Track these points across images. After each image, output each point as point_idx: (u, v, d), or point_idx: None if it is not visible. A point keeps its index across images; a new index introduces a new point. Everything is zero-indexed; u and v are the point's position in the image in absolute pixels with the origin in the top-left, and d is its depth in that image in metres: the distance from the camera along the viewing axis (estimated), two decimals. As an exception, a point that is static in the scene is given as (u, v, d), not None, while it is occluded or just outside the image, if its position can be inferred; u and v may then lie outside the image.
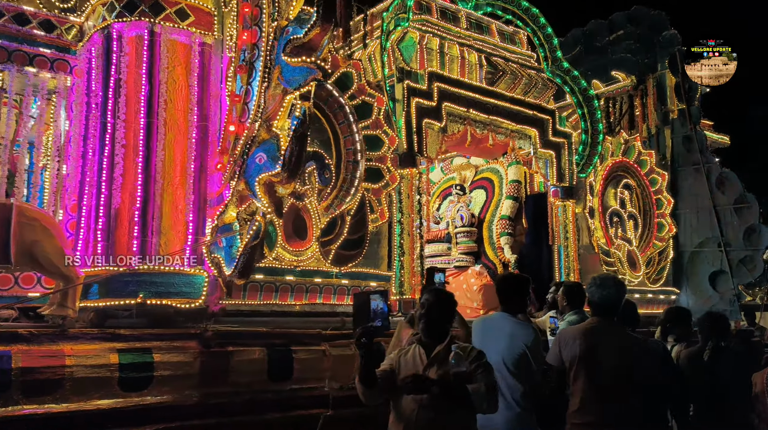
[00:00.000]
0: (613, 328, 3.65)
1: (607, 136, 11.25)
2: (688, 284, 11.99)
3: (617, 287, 3.67)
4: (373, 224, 7.71)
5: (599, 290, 3.66)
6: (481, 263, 10.39)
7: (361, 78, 7.77)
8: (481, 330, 4.38)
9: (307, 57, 5.02)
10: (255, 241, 4.91)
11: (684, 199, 12.23)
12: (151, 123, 5.06)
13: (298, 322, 6.50)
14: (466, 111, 8.97)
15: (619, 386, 3.53)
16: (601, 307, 3.64)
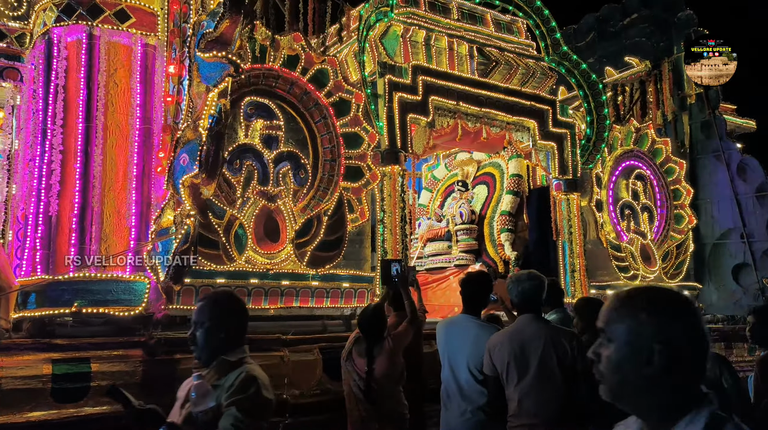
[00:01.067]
0: (536, 324, 3.51)
1: (615, 124, 10.72)
2: (711, 278, 11.32)
3: (532, 280, 3.54)
4: (352, 224, 7.51)
5: (515, 286, 3.55)
6: (482, 261, 10.04)
7: (337, 74, 7.57)
8: (445, 334, 4.19)
9: (218, 51, 4.86)
10: (184, 245, 4.78)
11: (704, 188, 11.55)
12: (90, 128, 5.01)
13: (272, 326, 6.36)
14: (455, 104, 8.67)
15: (551, 381, 3.39)
16: (521, 303, 3.54)
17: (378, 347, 4.34)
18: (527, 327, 3.53)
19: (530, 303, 3.54)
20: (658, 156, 11.30)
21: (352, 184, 7.59)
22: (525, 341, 3.49)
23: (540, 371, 3.42)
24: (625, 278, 10.20)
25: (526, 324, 3.54)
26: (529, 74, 9.69)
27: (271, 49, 7.07)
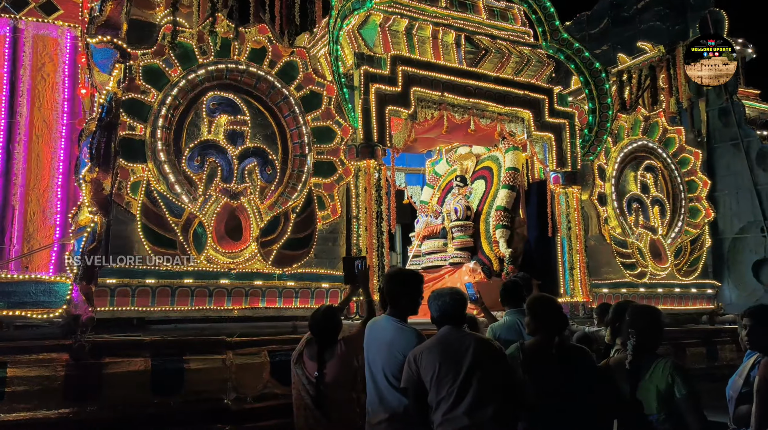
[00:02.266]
0: (459, 333, 3.42)
1: (620, 113, 10.11)
2: (729, 275, 10.56)
3: (452, 295, 3.50)
4: (323, 222, 7.24)
5: (434, 301, 3.49)
6: (477, 258, 9.61)
7: (307, 67, 7.32)
8: (368, 336, 3.93)
9: (105, 36, 4.65)
10: (92, 244, 4.60)
11: (722, 179, 10.80)
12: (13, 124, 4.90)
13: (237, 328, 6.16)
14: (440, 95, 8.29)
15: (479, 391, 3.23)
16: (439, 319, 3.48)
17: (330, 351, 4.10)
18: (449, 336, 3.41)
19: (450, 318, 3.47)
20: (670, 146, 10.62)
21: (324, 179, 7.32)
22: (450, 349, 3.34)
23: (470, 377, 3.25)
24: (631, 275, 9.61)
25: (447, 334, 3.42)
26: (524, 63, 9.22)
27: (236, 42, 6.87)
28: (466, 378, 3.26)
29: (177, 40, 6.55)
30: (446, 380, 3.29)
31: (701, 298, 10.37)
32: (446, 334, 3.44)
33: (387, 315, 3.87)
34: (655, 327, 3.41)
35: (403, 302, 3.78)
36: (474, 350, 3.31)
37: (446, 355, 3.32)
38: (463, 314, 3.53)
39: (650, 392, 3.23)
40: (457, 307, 3.49)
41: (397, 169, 12.19)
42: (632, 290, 9.55)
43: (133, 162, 6.21)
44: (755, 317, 3.43)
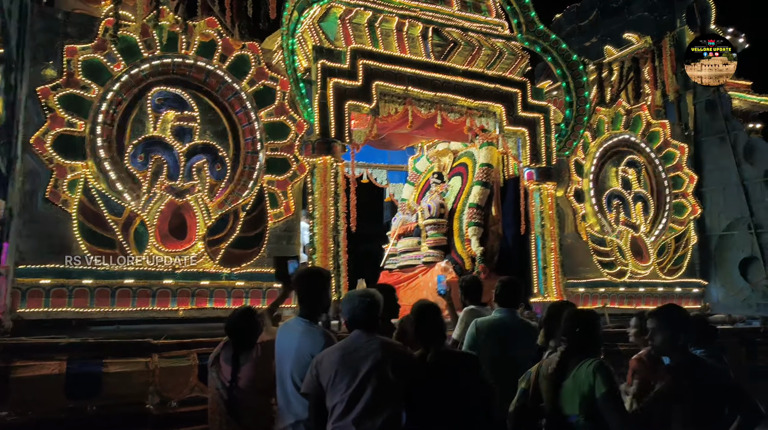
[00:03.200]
0: (367, 337, 3.20)
1: (599, 107, 9.78)
2: (716, 273, 10.18)
3: (362, 298, 3.28)
4: (276, 220, 7.04)
5: (345, 304, 3.28)
6: (450, 257, 9.35)
7: (259, 61, 7.13)
8: (278, 339, 3.75)
9: None
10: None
11: (709, 174, 10.42)
12: None
13: (183, 329, 6.00)
14: (404, 89, 8.04)
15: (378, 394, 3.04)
16: (350, 321, 3.29)
17: (245, 355, 3.91)
18: (355, 341, 3.20)
19: (359, 322, 3.25)
20: (655, 140, 10.25)
21: (277, 177, 7.13)
22: (351, 354, 3.14)
23: (364, 384, 3.05)
24: (609, 274, 9.28)
25: (354, 338, 3.22)
26: (496, 55, 8.92)
27: (183, 36, 6.70)
28: (361, 385, 3.07)
29: (120, 34, 6.40)
30: (341, 386, 3.10)
31: (686, 297, 10.01)
32: (352, 339, 3.24)
33: (297, 316, 3.72)
34: (591, 333, 3.14)
35: (312, 302, 3.60)
36: (375, 356, 3.11)
37: (345, 360, 3.12)
38: (373, 317, 3.29)
39: (573, 393, 3.00)
40: (368, 310, 3.26)
41: (378, 167, 12.07)
42: (611, 289, 9.24)
43: (72, 159, 6.06)
44: (659, 318, 3.18)
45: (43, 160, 5.92)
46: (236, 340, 3.93)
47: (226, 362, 3.92)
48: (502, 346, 4.46)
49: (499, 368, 4.32)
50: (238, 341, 3.92)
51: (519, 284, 4.65)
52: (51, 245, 5.80)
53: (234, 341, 3.94)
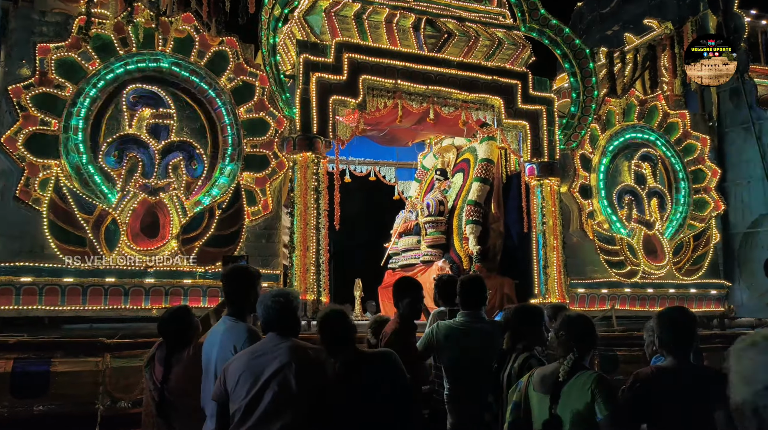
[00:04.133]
0: (279, 342, 2.96)
1: (609, 97, 9.26)
2: (740, 274, 9.48)
3: (274, 299, 3.04)
4: (254, 217, 6.92)
5: (258, 307, 3.08)
6: (448, 256, 9.03)
7: (238, 56, 7.02)
8: (206, 341, 3.61)
9: None
10: None
11: (733, 167, 9.72)
12: None
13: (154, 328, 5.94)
14: (394, 83, 7.79)
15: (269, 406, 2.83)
16: (264, 324, 3.07)
17: (178, 355, 3.80)
18: (265, 345, 3.00)
19: (273, 325, 3.03)
20: (673, 132, 9.64)
21: (256, 174, 7.01)
22: (257, 359, 2.95)
23: (263, 391, 2.85)
24: (618, 274, 8.76)
25: (265, 342, 3.02)
26: (495, 46, 8.55)
27: (158, 33, 6.65)
28: (260, 391, 2.87)
29: (96, 32, 6.40)
30: (242, 392, 2.91)
31: (708, 299, 9.36)
32: (263, 342, 3.04)
33: (225, 315, 3.60)
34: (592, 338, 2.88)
35: (239, 301, 3.45)
36: (280, 361, 2.89)
37: (249, 365, 2.93)
38: (288, 318, 3.07)
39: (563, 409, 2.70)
40: (281, 312, 3.04)
41: (387, 164, 11.84)
42: (619, 290, 8.71)
43: (45, 158, 6.10)
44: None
45: (15, 158, 5.97)
46: (168, 340, 3.82)
47: (159, 363, 3.82)
48: (462, 350, 4.22)
49: (459, 372, 4.09)
50: (169, 341, 3.81)
51: (481, 282, 4.38)
52: (22, 243, 5.84)
53: (166, 341, 3.84)
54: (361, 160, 11.50)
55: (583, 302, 8.53)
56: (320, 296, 6.84)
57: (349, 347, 3.27)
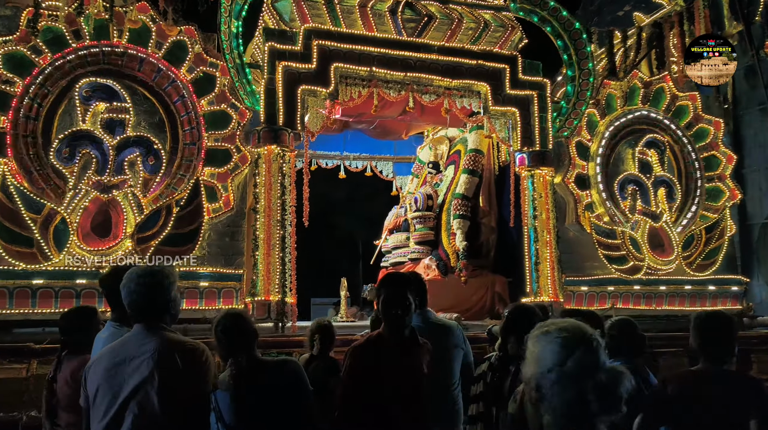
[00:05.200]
0: (143, 339, 2.46)
1: (608, 80, 8.60)
2: (759, 269, 8.69)
3: (141, 278, 2.48)
4: (214, 215, 6.59)
5: (123, 289, 2.51)
6: (436, 253, 8.54)
7: (197, 46, 6.70)
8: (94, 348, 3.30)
9: None
10: None
11: (750, 153, 8.93)
12: None
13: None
14: (369, 71, 7.36)
15: (137, 423, 2.39)
16: (131, 312, 2.51)
17: (69, 358, 3.52)
18: (129, 341, 2.51)
19: (140, 313, 2.51)
20: (682, 116, 8.92)
21: (217, 169, 6.68)
22: (117, 361, 2.47)
23: (123, 412, 2.41)
24: (619, 270, 8.11)
25: (130, 340, 2.53)
26: (480, 29, 8.01)
27: (112, 23, 6.39)
28: (118, 414, 2.39)
29: (48, 24, 6.18)
30: (99, 411, 2.44)
31: (724, 297, 8.60)
32: (124, 341, 2.53)
33: (108, 321, 3.26)
34: None
35: (120, 305, 3.08)
36: (141, 375, 2.40)
37: (108, 374, 2.44)
38: (156, 306, 2.51)
39: None
40: (148, 296, 2.48)
41: (384, 159, 11.41)
42: (622, 288, 8.06)
43: (-8, 156, 5.90)
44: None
45: (-41, 157, 5.79)
46: (63, 340, 3.54)
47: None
48: None
49: None
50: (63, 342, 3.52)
51: (421, 280, 3.92)
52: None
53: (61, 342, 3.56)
54: (356, 155, 11.12)
55: (580, 300, 7.93)
56: (286, 297, 6.47)
57: (243, 354, 2.88)
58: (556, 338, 1.58)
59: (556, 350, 1.56)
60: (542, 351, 1.59)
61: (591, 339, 1.57)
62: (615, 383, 1.53)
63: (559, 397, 1.55)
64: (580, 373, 1.52)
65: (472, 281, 8.13)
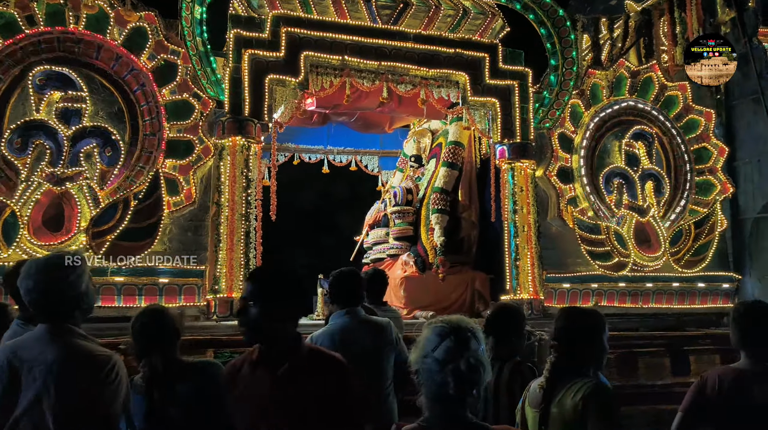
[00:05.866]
0: (47, 349, 2.19)
1: (592, 69, 8.29)
2: (752, 265, 8.36)
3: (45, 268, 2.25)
4: (175, 208, 6.34)
5: (22, 286, 2.27)
6: (414, 250, 8.25)
7: (158, 33, 6.44)
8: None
9: None
10: None
11: (742, 145, 8.59)
12: None
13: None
14: (341, 59, 7.08)
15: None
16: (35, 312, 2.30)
17: None
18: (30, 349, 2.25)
19: (44, 310, 2.28)
20: (672, 107, 8.59)
21: (179, 161, 6.42)
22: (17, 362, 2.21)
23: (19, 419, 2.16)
24: (603, 266, 7.80)
25: (32, 342, 2.27)
26: (459, 16, 7.72)
27: (67, 8, 6.14)
28: (15, 423, 2.15)
29: (0, 10, 5.94)
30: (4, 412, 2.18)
31: (715, 294, 8.28)
32: (24, 343, 2.27)
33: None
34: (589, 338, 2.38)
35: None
36: (35, 389, 2.14)
37: (10, 373, 2.18)
38: (61, 302, 2.26)
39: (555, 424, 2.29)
40: (52, 292, 2.24)
41: (369, 153, 11.14)
42: (606, 285, 7.76)
43: (-60, 148, 5.67)
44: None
45: None
46: None
47: None
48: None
49: None
50: None
51: (354, 276, 3.67)
52: None
53: None
54: (340, 149, 10.85)
55: (563, 298, 7.63)
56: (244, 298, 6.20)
57: (159, 355, 2.61)
58: (435, 328, 1.76)
59: (432, 338, 1.74)
60: (423, 339, 1.77)
61: (463, 330, 1.74)
62: (472, 371, 1.69)
63: (429, 380, 1.72)
64: (445, 359, 1.69)
65: (451, 278, 7.85)
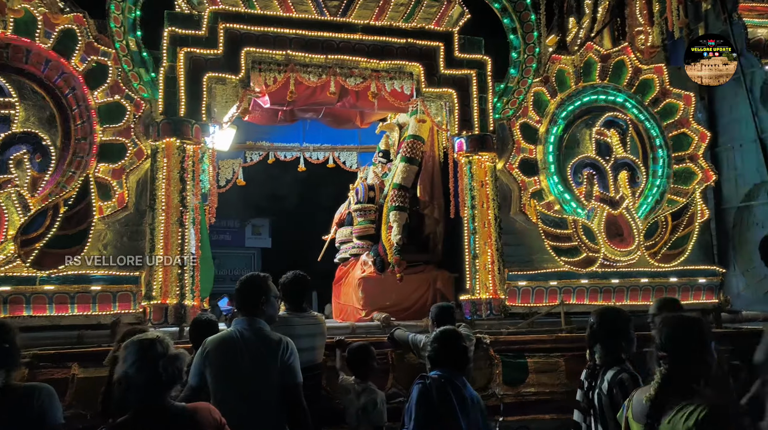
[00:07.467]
0: None
1: (557, 55, 7.85)
2: (735, 258, 7.83)
3: None
4: (108, 214, 6.19)
5: None
6: (375, 249, 7.96)
7: (88, 35, 6.29)
8: None
9: None
10: None
11: (725, 129, 8.05)
12: None
13: None
14: (285, 54, 6.84)
15: None
16: None
17: None
18: None
19: None
20: (648, 91, 8.09)
21: (112, 165, 6.27)
22: None
23: None
24: (569, 263, 7.40)
25: None
26: (412, 4, 7.38)
27: (-7, 14, 6.04)
28: None
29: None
30: None
31: (697, 289, 7.79)
32: None
33: None
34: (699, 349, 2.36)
35: None
36: None
37: None
38: None
39: None
40: None
41: (347, 149, 10.88)
42: (571, 282, 7.36)
43: None
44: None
45: None
46: None
47: None
48: (225, 369, 3.39)
49: (222, 397, 3.28)
50: None
51: (258, 280, 3.52)
52: None
53: None
54: (316, 146, 10.65)
55: (527, 296, 7.26)
56: (184, 300, 6.03)
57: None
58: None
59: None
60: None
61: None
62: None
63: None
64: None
65: (412, 278, 7.55)
